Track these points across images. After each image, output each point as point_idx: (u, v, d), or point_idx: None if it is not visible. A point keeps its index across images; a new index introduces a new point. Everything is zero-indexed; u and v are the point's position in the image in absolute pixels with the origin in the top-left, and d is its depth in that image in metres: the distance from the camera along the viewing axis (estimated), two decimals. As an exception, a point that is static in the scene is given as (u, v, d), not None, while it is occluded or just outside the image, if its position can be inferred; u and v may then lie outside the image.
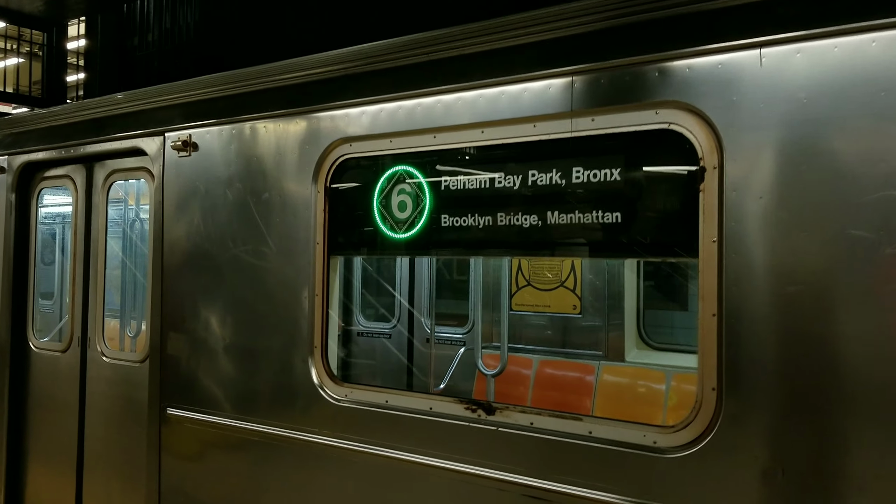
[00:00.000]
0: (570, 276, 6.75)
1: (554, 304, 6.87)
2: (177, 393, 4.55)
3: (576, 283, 6.75)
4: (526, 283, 6.98)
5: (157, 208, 4.68)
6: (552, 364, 6.62)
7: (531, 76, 3.26)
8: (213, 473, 4.39)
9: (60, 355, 5.48)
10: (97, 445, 5.19)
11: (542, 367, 6.63)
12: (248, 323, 4.24)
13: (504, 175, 3.38)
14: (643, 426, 2.98)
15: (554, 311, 6.87)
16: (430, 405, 3.53)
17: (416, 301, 7.94)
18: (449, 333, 7.67)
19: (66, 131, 5.41)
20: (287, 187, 4.08)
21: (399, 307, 8.01)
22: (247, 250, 4.24)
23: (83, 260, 5.37)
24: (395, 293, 8.03)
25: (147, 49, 12.37)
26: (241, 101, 4.34)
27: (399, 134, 3.69)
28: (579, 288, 6.72)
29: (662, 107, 2.94)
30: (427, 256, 6.47)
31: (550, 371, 6.59)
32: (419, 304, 7.93)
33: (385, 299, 8.19)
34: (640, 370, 6.16)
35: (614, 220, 3.08)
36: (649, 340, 6.46)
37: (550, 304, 6.88)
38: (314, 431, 3.90)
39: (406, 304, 7.95)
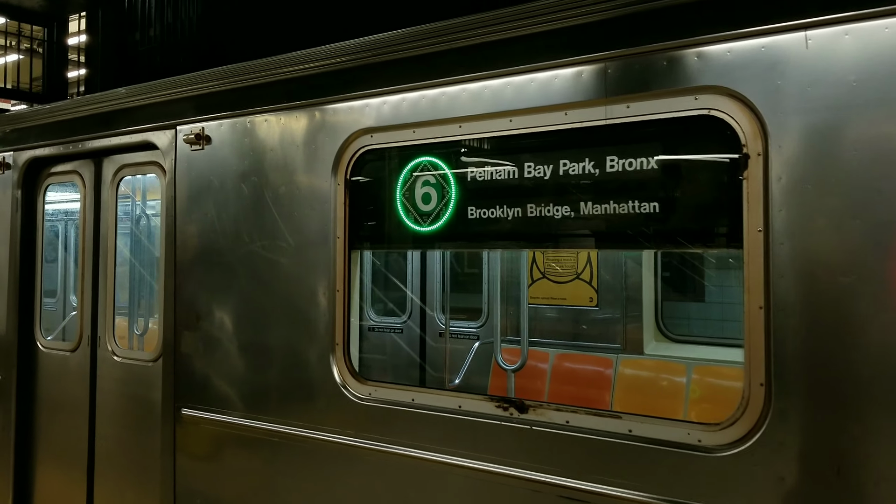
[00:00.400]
0: (587, 268, 6.65)
1: (570, 297, 6.76)
2: (191, 393, 4.44)
3: (592, 276, 6.64)
4: (541, 276, 6.88)
5: (170, 203, 4.57)
6: (569, 358, 6.52)
7: (562, 62, 3.15)
8: (230, 475, 4.28)
9: (69, 355, 5.37)
10: (108, 447, 5.08)
11: (559, 361, 6.53)
12: (266, 320, 4.13)
13: (534, 165, 3.27)
14: (686, 423, 2.87)
15: (570, 304, 6.77)
16: (459, 403, 3.43)
17: (427, 295, 7.84)
18: (462, 327, 7.57)
19: (74, 126, 5.29)
20: (305, 180, 3.97)
21: (410, 301, 7.91)
22: (264, 245, 4.12)
23: (92, 257, 5.25)
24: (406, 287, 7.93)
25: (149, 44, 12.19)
26: (257, 92, 4.22)
27: (423, 124, 3.57)
28: (596, 280, 6.61)
29: (702, 92, 2.82)
30: (453, 250, 6.35)
31: (568, 365, 6.48)
32: (431, 297, 7.83)
33: (396, 293, 8.08)
34: (660, 363, 6.05)
35: (651, 210, 2.97)
36: (668, 332, 6.36)
37: (566, 297, 6.78)
38: (336, 431, 3.80)
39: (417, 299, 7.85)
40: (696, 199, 2.96)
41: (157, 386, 4.68)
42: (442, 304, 7.74)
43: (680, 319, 6.95)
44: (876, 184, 2.47)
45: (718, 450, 2.76)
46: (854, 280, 2.51)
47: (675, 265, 6.91)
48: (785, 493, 2.64)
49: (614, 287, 6.55)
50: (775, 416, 2.65)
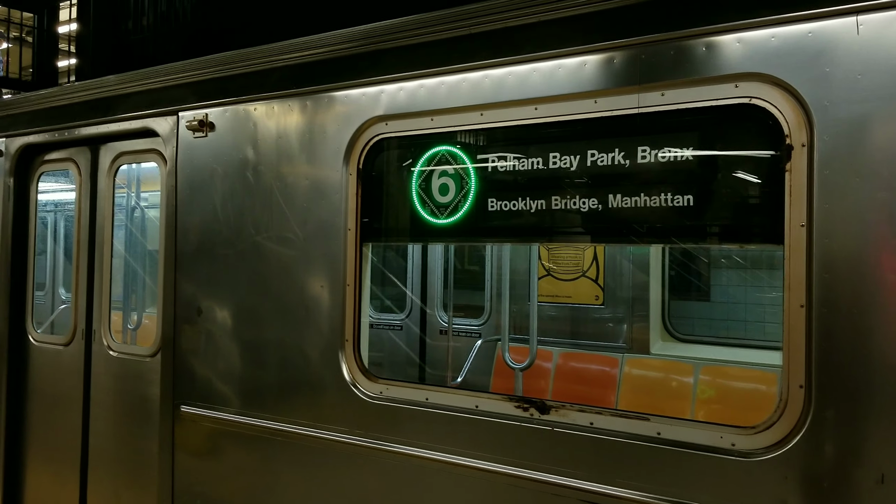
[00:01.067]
0: (593, 265, 6.53)
1: (575, 295, 6.64)
2: (192, 389, 4.28)
3: (598, 273, 6.53)
4: (546, 273, 6.75)
5: (170, 193, 4.40)
6: (574, 357, 6.40)
7: (593, 48, 3.01)
8: (232, 475, 4.13)
9: (63, 349, 5.19)
10: (103, 444, 4.91)
11: (564, 360, 6.41)
12: (272, 315, 3.97)
13: (560, 155, 3.13)
14: (719, 426, 2.74)
15: (575, 302, 6.65)
16: (476, 403, 3.29)
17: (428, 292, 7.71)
18: (464, 325, 7.44)
19: (70, 112, 5.11)
20: (315, 169, 3.81)
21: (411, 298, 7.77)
22: (270, 237, 3.97)
23: (87, 248, 5.08)
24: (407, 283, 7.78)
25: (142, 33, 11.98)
26: (264, 77, 4.06)
27: (441, 111, 3.43)
28: (602, 278, 6.49)
29: (743, 80, 2.69)
30: (472, 243, 6.21)
31: (573, 364, 6.36)
32: (432, 294, 7.69)
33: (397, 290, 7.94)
34: (667, 363, 5.94)
35: (686, 203, 2.84)
36: (675, 332, 6.25)
37: (571, 295, 6.66)
38: (345, 431, 3.65)
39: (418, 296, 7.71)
40: (734, 192, 2.83)
41: (154, 381, 4.51)
42: (443, 301, 7.61)
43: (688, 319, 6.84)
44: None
45: (754, 454, 2.64)
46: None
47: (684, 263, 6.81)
48: (824, 500, 2.51)
49: (621, 285, 6.43)
50: (815, 420, 2.53)
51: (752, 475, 2.62)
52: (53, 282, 9.90)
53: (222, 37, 10.02)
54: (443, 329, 7.61)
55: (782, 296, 2.62)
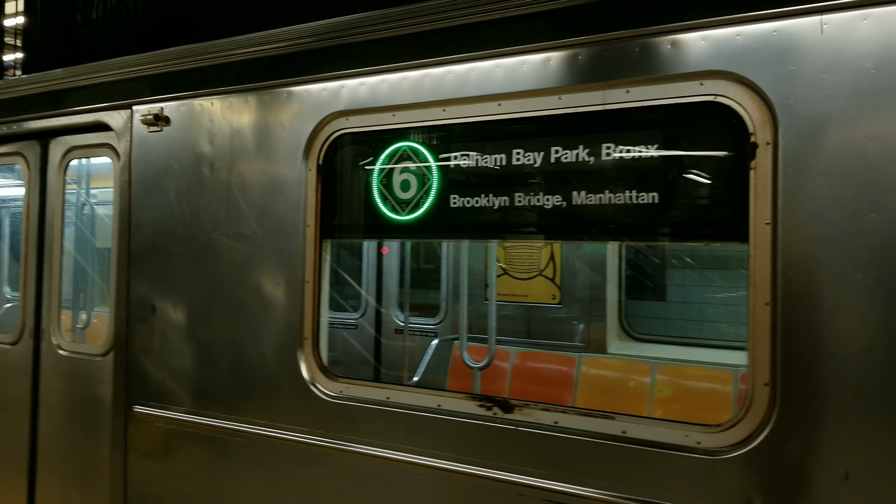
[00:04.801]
0: (550, 264, 6.55)
1: (532, 294, 6.65)
2: (145, 389, 4.16)
3: (555, 273, 6.55)
4: (502, 272, 6.75)
5: (124, 188, 4.27)
6: (531, 356, 6.40)
7: (557, 44, 2.99)
8: (186, 476, 4.01)
9: (10, 348, 5.01)
10: (52, 446, 4.74)
11: (521, 360, 6.40)
12: (229, 312, 3.88)
13: (524, 152, 3.11)
14: (685, 425, 2.74)
15: (532, 301, 6.66)
16: (439, 402, 3.25)
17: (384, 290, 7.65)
18: (420, 324, 7.39)
19: (18, 104, 4.92)
20: (274, 165, 3.73)
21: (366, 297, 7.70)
22: (227, 234, 3.87)
23: (36, 245, 4.90)
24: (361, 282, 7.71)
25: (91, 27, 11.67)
26: (221, 71, 3.97)
27: (403, 107, 3.38)
28: (559, 277, 6.51)
29: (708, 77, 2.70)
30: (434, 240, 6.16)
31: (529, 364, 6.36)
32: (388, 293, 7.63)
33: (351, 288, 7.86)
34: (624, 362, 5.98)
35: (651, 200, 2.84)
36: (632, 332, 6.30)
37: (528, 294, 6.67)
38: (304, 431, 3.58)
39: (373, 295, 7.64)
40: (699, 189, 2.83)
41: (106, 381, 4.37)
42: (399, 300, 7.56)
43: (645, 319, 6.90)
44: (895, 177, 2.38)
45: (719, 452, 2.65)
46: (869, 277, 2.41)
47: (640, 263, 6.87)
48: (789, 498, 2.53)
49: (577, 285, 6.46)
50: (781, 418, 2.54)
51: (717, 473, 2.63)
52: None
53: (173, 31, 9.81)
54: (399, 328, 7.56)
55: (746, 294, 2.63)
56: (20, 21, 12.81)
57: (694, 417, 2.89)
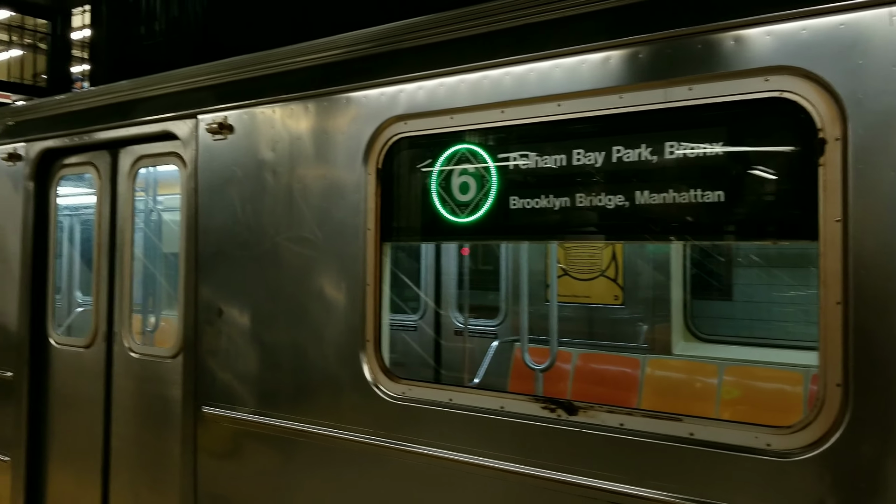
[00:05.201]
0: (612, 265, 6.48)
1: (594, 295, 6.59)
2: (213, 390, 4.26)
3: (617, 273, 6.47)
4: (563, 273, 6.70)
5: (190, 195, 4.39)
6: (594, 358, 6.35)
7: (617, 43, 2.97)
8: (254, 476, 4.10)
9: (84, 351, 5.19)
10: (125, 446, 4.90)
11: (583, 361, 6.35)
12: (292, 315, 3.95)
13: (584, 152, 3.08)
14: (754, 427, 2.69)
15: (594, 302, 6.60)
16: (501, 404, 3.25)
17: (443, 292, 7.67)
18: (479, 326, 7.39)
19: (90, 116, 5.11)
20: (334, 170, 3.79)
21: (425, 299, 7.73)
22: (290, 238, 3.94)
23: (108, 251, 5.07)
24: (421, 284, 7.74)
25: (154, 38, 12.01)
26: (283, 79, 4.04)
27: (461, 110, 3.39)
28: (621, 277, 6.44)
29: (773, 73, 2.64)
30: (493, 242, 6.17)
31: (592, 365, 6.31)
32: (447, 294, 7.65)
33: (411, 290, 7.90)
34: (690, 363, 5.88)
35: (716, 199, 2.78)
36: (698, 332, 6.19)
37: (590, 295, 6.61)
38: (367, 432, 3.62)
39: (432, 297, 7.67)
40: (765, 187, 2.78)
41: (176, 383, 4.50)
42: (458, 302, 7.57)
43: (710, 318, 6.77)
44: (971, 169, 2.30)
45: (790, 454, 2.58)
46: (944, 273, 2.33)
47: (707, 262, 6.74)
48: (864, 501, 2.46)
49: (641, 285, 6.37)
50: (854, 419, 2.47)
51: (788, 476, 2.57)
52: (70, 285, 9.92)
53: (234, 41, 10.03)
54: (458, 330, 7.56)
55: (817, 293, 2.56)
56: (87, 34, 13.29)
57: (763, 419, 2.83)
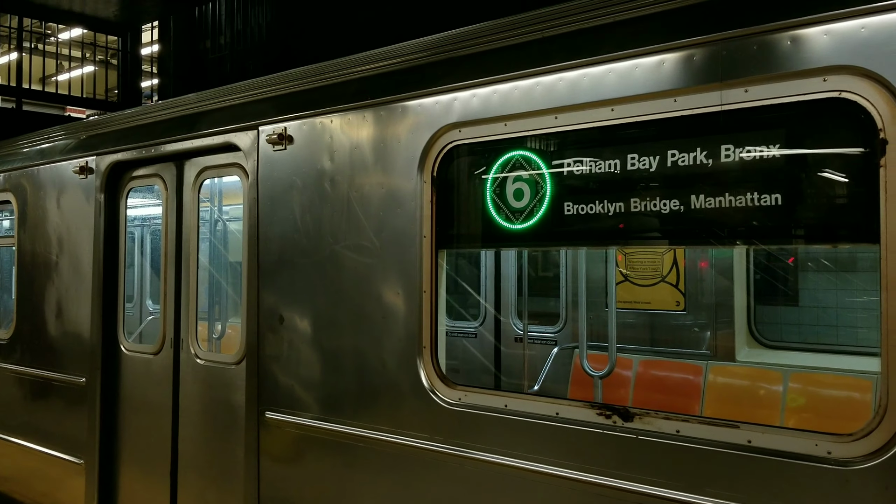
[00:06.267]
0: (672, 270, 6.38)
1: (654, 301, 6.50)
2: (275, 395, 4.36)
3: (678, 278, 6.37)
4: (623, 279, 6.63)
5: (252, 205, 4.50)
6: (655, 364, 6.26)
7: (671, 46, 2.94)
8: (314, 479, 4.18)
9: (152, 357, 5.36)
10: (192, 449, 5.05)
11: (644, 368, 6.27)
12: (350, 322, 4.01)
13: (638, 157, 3.06)
14: (814, 434, 2.63)
15: (654, 308, 6.51)
16: (557, 410, 3.24)
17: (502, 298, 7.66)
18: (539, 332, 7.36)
19: (156, 129, 5.29)
20: (391, 178, 3.84)
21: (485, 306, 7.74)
22: (348, 246, 4.02)
23: (174, 260, 5.23)
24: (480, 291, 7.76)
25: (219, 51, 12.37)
26: (339, 90, 4.13)
27: (515, 116, 3.41)
28: (682, 283, 6.34)
29: (832, 73, 2.58)
30: (548, 248, 6.16)
31: (653, 372, 6.22)
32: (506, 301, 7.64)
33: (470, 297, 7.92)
34: (753, 370, 5.75)
35: (773, 202, 2.73)
36: (762, 338, 6.05)
37: (651, 301, 6.52)
38: (424, 437, 3.65)
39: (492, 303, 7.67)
40: (824, 189, 2.72)
41: (239, 388, 4.61)
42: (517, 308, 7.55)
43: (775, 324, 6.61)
44: None
45: (852, 463, 2.52)
46: None
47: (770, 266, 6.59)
48: (931, 512, 2.38)
49: (703, 290, 6.26)
50: (921, 427, 2.39)
51: (849, 485, 2.51)
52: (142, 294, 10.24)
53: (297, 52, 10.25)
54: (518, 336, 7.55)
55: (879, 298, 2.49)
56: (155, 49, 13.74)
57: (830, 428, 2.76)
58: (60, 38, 14.37)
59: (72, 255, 5.92)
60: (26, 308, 6.40)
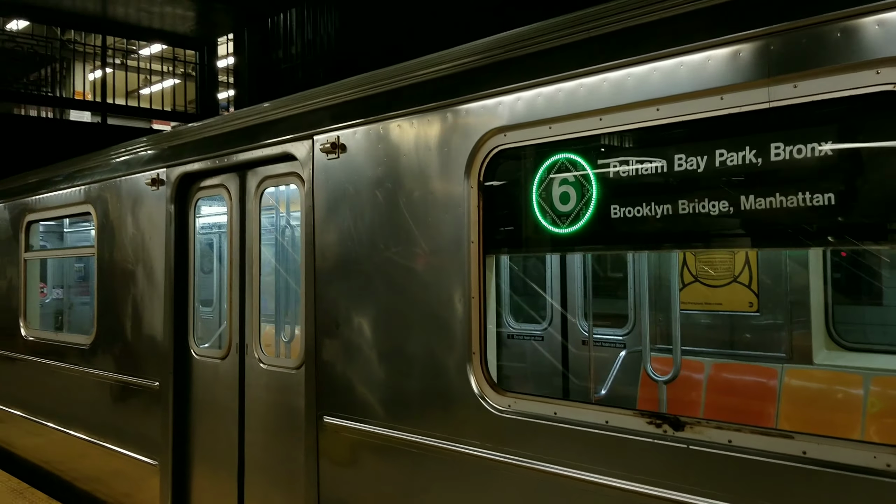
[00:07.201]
0: (745, 270, 6.16)
1: (726, 302, 6.28)
2: (332, 401, 4.41)
3: (751, 278, 6.15)
4: (693, 280, 6.44)
5: (308, 213, 4.57)
6: (728, 368, 6.05)
7: (717, 42, 2.84)
8: (371, 483, 4.21)
9: (220, 362, 5.51)
10: (257, 452, 5.16)
11: (716, 371, 6.07)
12: (402, 328, 4.03)
13: (685, 157, 2.96)
14: (872, 445, 2.48)
15: (726, 310, 6.29)
16: (606, 418, 3.17)
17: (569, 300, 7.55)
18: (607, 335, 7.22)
19: (220, 141, 5.44)
20: (438, 184, 3.83)
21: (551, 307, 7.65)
22: (398, 252, 4.03)
23: (239, 267, 5.36)
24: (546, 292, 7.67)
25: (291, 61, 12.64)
26: (387, 98, 4.15)
27: (559, 119, 3.35)
28: (755, 283, 6.11)
29: (885, 65, 2.44)
30: (593, 252, 6.06)
31: (726, 375, 6.01)
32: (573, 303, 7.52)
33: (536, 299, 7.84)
34: (832, 374, 5.49)
35: (826, 203, 2.60)
36: (841, 340, 5.77)
37: (722, 302, 6.31)
38: (474, 444, 3.63)
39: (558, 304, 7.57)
40: (879, 187, 2.57)
41: (300, 393, 4.69)
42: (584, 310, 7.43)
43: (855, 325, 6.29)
44: None
45: (914, 478, 2.37)
46: None
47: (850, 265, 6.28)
48: None
49: (777, 290, 6.02)
50: None
51: (911, 502, 2.36)
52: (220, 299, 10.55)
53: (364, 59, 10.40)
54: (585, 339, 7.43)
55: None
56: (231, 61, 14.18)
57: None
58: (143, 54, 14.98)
59: (146, 263, 6.14)
60: (106, 315, 6.68)
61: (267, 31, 12.63)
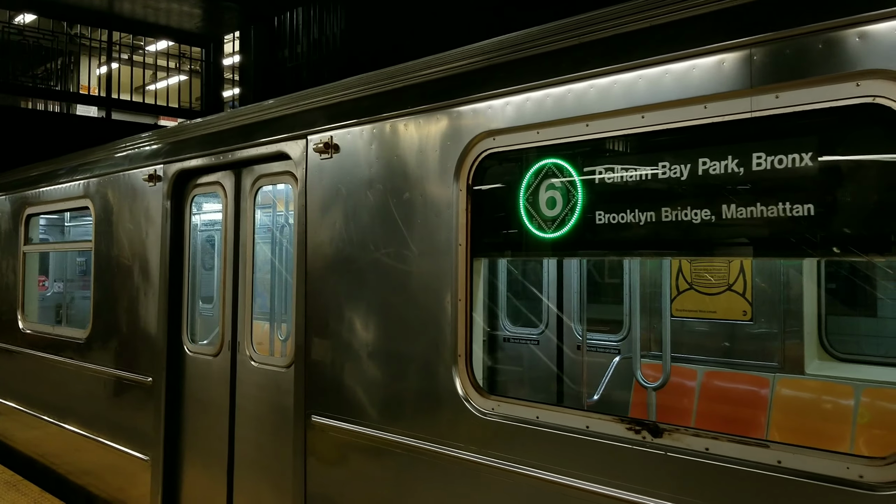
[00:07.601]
0: (739, 278, 6.16)
1: (720, 310, 6.28)
2: (321, 400, 4.43)
3: (745, 287, 6.14)
4: (688, 287, 6.44)
5: (301, 212, 4.59)
6: (720, 376, 6.05)
7: (701, 51, 2.85)
8: (357, 483, 4.22)
9: (212, 359, 5.53)
10: (247, 449, 5.18)
11: (709, 379, 6.07)
12: (390, 329, 4.04)
13: (669, 165, 2.97)
14: (845, 456, 2.49)
15: (720, 318, 6.29)
16: (587, 423, 3.18)
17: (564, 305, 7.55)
18: (602, 340, 7.23)
19: (216, 139, 5.46)
20: (428, 187, 3.85)
21: (547, 312, 7.65)
22: (388, 253, 4.05)
23: (232, 265, 5.39)
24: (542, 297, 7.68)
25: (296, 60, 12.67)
26: (381, 99, 4.17)
27: (547, 124, 3.36)
28: (749, 292, 6.11)
29: (865, 77, 2.45)
30: (578, 258, 6.07)
31: (718, 383, 6.02)
32: (569, 308, 7.53)
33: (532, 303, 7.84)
34: (824, 384, 5.48)
35: (805, 212, 2.61)
36: (835, 351, 5.77)
37: (716, 310, 6.30)
38: (458, 446, 3.64)
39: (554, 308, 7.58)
40: (858, 198, 2.57)
41: (290, 391, 4.71)
42: (580, 314, 7.43)
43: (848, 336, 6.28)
44: None
45: (885, 487, 2.37)
46: None
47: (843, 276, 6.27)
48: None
49: (771, 300, 6.02)
50: (959, 455, 2.24)
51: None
52: (220, 295, 10.56)
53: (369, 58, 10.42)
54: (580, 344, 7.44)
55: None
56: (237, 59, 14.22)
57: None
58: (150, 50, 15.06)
59: (142, 259, 6.17)
60: (101, 309, 6.71)
61: (273, 30, 12.66)
